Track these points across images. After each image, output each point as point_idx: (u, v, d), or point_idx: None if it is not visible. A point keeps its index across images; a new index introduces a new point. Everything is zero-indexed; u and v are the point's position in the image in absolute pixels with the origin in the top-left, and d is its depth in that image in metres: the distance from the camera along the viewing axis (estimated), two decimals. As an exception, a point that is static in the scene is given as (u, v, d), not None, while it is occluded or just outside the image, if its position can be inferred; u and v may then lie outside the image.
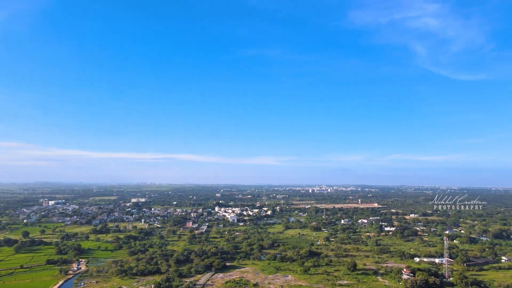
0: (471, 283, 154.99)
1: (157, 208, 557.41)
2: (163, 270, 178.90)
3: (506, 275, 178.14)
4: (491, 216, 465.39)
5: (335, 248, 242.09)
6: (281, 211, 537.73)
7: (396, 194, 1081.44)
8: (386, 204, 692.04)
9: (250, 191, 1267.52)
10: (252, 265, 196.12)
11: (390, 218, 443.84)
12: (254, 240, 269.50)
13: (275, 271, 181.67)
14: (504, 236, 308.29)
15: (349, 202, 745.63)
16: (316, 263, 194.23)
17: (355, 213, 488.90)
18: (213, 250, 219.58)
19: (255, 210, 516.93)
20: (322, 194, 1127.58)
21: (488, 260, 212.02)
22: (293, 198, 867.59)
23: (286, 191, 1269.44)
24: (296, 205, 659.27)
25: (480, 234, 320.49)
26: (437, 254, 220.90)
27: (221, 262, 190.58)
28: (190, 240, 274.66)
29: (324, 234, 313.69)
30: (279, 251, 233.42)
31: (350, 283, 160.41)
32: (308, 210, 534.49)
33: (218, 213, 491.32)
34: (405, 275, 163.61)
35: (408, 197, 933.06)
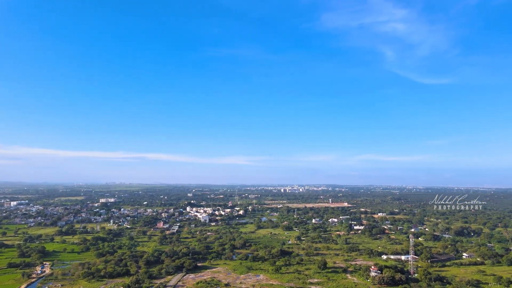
0: (434, 279, 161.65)
1: (126, 208, 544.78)
2: (132, 271, 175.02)
3: (467, 271, 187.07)
4: (453, 215, 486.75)
5: (306, 247, 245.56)
6: (253, 210, 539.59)
7: (365, 194, 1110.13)
8: (356, 203, 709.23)
9: (222, 191, 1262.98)
10: (224, 265, 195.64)
11: (359, 217, 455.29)
12: (226, 240, 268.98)
13: (247, 271, 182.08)
14: (465, 233, 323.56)
15: (320, 202, 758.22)
16: (287, 262, 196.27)
17: (325, 213, 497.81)
18: (185, 251, 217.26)
19: (227, 210, 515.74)
20: (294, 193, 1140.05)
21: (450, 256, 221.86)
22: (265, 198, 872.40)
23: (258, 190, 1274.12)
24: (268, 204, 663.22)
25: (443, 231, 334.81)
26: (403, 251, 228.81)
27: (192, 263, 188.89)
28: (161, 240, 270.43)
29: (295, 233, 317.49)
30: (251, 250, 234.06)
31: (321, 281, 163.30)
32: (280, 210, 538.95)
33: (189, 213, 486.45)
34: (373, 272, 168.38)
35: (377, 196, 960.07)
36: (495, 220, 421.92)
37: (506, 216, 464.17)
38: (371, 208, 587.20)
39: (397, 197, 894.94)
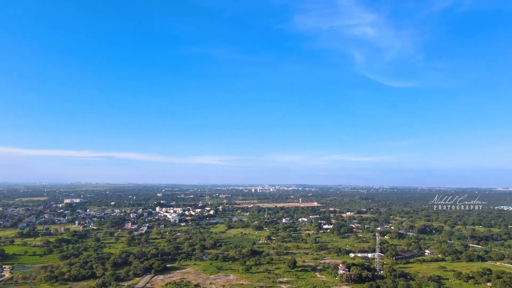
0: (398, 276, 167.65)
1: (93, 209, 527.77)
2: (98, 274, 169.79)
3: (429, 267, 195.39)
4: (416, 213, 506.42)
5: (276, 247, 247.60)
6: (224, 210, 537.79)
7: (334, 193, 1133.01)
8: (325, 202, 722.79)
9: (192, 190, 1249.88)
10: (193, 266, 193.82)
11: (329, 216, 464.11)
12: (196, 240, 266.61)
13: (217, 271, 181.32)
14: (428, 231, 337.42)
15: (291, 201, 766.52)
16: (257, 262, 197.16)
17: (296, 212, 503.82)
18: (153, 252, 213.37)
19: (197, 210, 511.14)
20: (265, 193, 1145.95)
21: (413, 253, 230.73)
22: (236, 198, 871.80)
23: (229, 190, 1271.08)
24: (239, 204, 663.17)
25: (407, 229, 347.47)
26: (370, 249, 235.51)
27: (161, 264, 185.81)
28: (129, 242, 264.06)
29: (266, 233, 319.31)
30: (221, 250, 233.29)
31: (290, 280, 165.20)
32: (250, 210, 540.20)
33: (159, 214, 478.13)
34: (341, 270, 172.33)
35: (345, 196, 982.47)
36: (455, 218, 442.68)
37: (465, 215, 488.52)
38: (340, 207, 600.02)
39: (365, 197, 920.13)
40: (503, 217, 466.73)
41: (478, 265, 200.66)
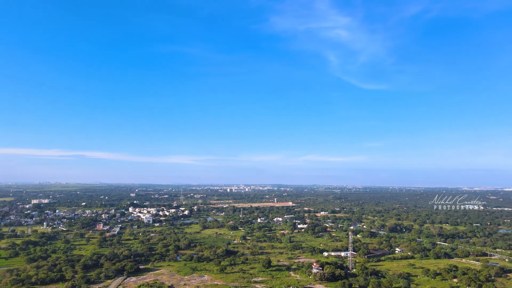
0: (370, 273, 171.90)
1: (62, 209, 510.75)
2: (68, 277, 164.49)
3: (399, 265, 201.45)
4: (388, 212, 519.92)
5: (251, 246, 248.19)
6: (198, 210, 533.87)
7: (309, 193, 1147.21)
8: (300, 202, 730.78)
9: (167, 190, 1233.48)
10: (167, 267, 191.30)
11: (303, 216, 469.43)
12: (170, 240, 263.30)
13: (191, 272, 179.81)
14: (398, 229, 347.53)
15: (266, 201, 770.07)
16: (232, 262, 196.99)
17: (271, 212, 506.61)
18: (126, 253, 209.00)
19: (172, 210, 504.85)
20: (240, 193, 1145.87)
21: (385, 251, 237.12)
22: (211, 198, 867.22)
23: (204, 190, 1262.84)
24: (214, 204, 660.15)
25: (379, 228, 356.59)
26: (343, 248, 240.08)
27: (134, 265, 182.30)
28: (101, 243, 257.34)
29: (241, 233, 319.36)
30: (196, 251, 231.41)
31: (265, 279, 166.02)
32: (226, 210, 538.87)
33: (132, 214, 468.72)
34: (315, 269, 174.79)
35: (320, 195, 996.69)
36: (424, 217, 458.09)
37: (433, 213, 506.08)
38: (314, 207, 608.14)
39: (339, 196, 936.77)
40: (469, 215, 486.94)
41: (445, 262, 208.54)
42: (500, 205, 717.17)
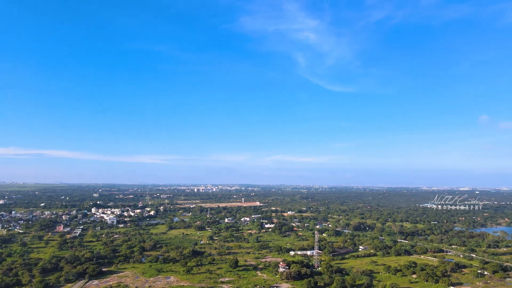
0: (335, 271, 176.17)
1: (19, 211, 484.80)
2: (24, 281, 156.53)
3: (363, 262, 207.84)
4: (352, 211, 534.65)
5: (219, 247, 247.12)
6: (165, 211, 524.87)
7: (277, 193, 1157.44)
8: (267, 202, 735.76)
9: (132, 190, 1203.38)
10: (132, 269, 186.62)
11: (270, 215, 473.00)
12: (135, 242, 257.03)
13: (157, 273, 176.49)
14: (362, 228, 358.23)
15: (233, 201, 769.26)
16: (199, 262, 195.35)
17: (238, 212, 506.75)
18: (88, 256, 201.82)
19: (137, 211, 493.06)
20: (208, 193, 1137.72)
21: (349, 250, 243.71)
22: (178, 198, 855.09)
23: (171, 190, 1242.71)
24: (181, 204, 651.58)
25: (343, 227, 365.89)
26: (309, 246, 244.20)
27: (96, 268, 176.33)
28: (61, 245, 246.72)
29: (208, 233, 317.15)
30: (161, 252, 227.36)
31: (232, 279, 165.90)
32: (193, 210, 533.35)
33: (95, 215, 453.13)
34: (282, 268, 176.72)
35: (287, 195, 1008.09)
36: (386, 215, 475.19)
37: (395, 212, 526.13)
38: (281, 206, 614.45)
39: (305, 196, 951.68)
40: (427, 214, 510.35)
41: (405, 258, 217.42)
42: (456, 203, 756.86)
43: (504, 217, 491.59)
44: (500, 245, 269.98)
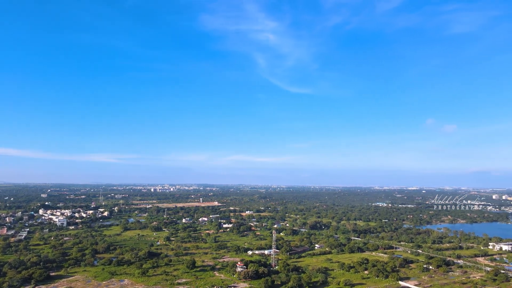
0: (292, 270, 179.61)
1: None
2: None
3: (318, 260, 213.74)
4: (309, 211, 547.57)
5: (175, 247, 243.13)
6: (120, 211, 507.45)
7: (235, 193, 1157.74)
8: (226, 202, 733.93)
9: (84, 191, 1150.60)
10: (83, 273, 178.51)
11: (229, 215, 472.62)
12: (87, 244, 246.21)
13: (110, 276, 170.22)
14: (318, 227, 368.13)
15: (191, 201, 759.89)
16: (155, 264, 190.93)
17: (196, 212, 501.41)
18: (35, 260, 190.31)
19: (89, 212, 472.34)
20: (165, 193, 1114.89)
21: (305, 248, 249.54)
22: (134, 198, 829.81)
23: (126, 190, 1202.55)
24: (137, 205, 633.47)
25: (301, 226, 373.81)
26: (267, 246, 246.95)
27: (44, 273, 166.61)
28: (4, 249, 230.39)
29: (165, 233, 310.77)
30: (115, 254, 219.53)
31: (189, 280, 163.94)
32: (149, 210, 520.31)
33: (43, 217, 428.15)
34: (239, 268, 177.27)
35: (245, 195, 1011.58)
36: (341, 214, 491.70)
37: (349, 211, 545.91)
38: (239, 206, 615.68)
39: (264, 196, 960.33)
40: (379, 212, 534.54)
41: (358, 255, 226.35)
42: (405, 202, 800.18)
43: (447, 215, 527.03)
44: (443, 241, 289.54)
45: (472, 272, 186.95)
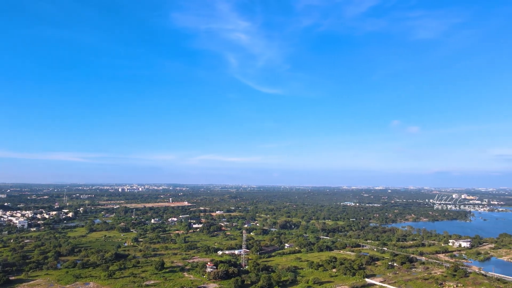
0: (262, 269, 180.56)
1: None
2: None
3: (288, 259, 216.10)
4: (279, 210, 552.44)
5: (144, 249, 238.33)
6: (85, 212, 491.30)
7: (205, 193, 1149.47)
8: (196, 202, 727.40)
9: (47, 191, 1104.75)
10: (45, 276, 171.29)
11: (199, 215, 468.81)
12: (50, 246, 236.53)
13: (74, 280, 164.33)
14: (288, 226, 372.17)
15: (161, 201, 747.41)
16: (122, 266, 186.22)
17: (165, 212, 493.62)
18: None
19: (52, 213, 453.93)
20: (133, 193, 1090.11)
21: (275, 247, 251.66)
22: (101, 198, 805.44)
23: (92, 190, 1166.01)
24: (104, 205, 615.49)
25: (271, 226, 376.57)
26: (237, 246, 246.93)
27: (3, 277, 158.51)
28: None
29: (133, 234, 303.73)
30: (80, 257, 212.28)
31: (157, 282, 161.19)
32: (116, 211, 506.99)
33: (2, 218, 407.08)
34: (209, 268, 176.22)
35: (216, 195, 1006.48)
36: (311, 214, 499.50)
37: (318, 210, 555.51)
38: (210, 206, 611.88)
39: (234, 196, 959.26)
40: (347, 211, 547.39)
41: (327, 254, 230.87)
42: (371, 201, 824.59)
43: (411, 213, 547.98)
44: (407, 238, 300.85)
45: (433, 268, 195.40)
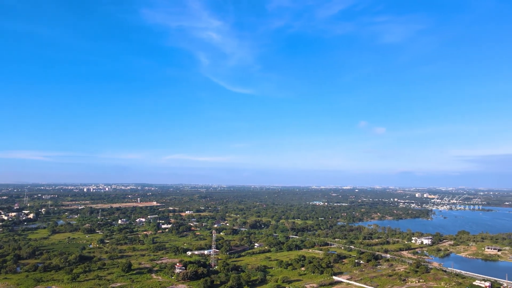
0: (231, 269, 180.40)
1: None
2: None
3: (258, 258, 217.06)
4: (249, 210, 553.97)
5: (110, 250, 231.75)
6: (47, 213, 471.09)
7: (175, 193, 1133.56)
8: (165, 202, 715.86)
9: (6, 191, 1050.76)
10: (3, 281, 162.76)
11: (168, 215, 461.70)
12: (9, 249, 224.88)
13: (35, 284, 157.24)
14: (258, 226, 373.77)
15: (128, 201, 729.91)
16: (87, 269, 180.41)
17: (133, 212, 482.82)
18: None
19: (12, 214, 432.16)
20: (99, 193, 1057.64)
21: (245, 247, 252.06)
22: (64, 199, 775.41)
23: (55, 190, 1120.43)
24: (68, 206, 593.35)
25: (241, 225, 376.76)
26: (206, 246, 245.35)
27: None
28: None
29: (98, 236, 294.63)
30: (41, 260, 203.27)
31: (124, 284, 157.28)
32: (81, 211, 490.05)
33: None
34: (178, 269, 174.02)
35: (185, 195, 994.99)
36: (280, 213, 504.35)
37: (288, 210, 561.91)
38: (179, 206, 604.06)
39: (204, 195, 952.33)
40: (316, 211, 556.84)
41: (296, 253, 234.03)
42: (340, 201, 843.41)
43: (376, 212, 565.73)
44: (373, 236, 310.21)
45: (397, 265, 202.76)
